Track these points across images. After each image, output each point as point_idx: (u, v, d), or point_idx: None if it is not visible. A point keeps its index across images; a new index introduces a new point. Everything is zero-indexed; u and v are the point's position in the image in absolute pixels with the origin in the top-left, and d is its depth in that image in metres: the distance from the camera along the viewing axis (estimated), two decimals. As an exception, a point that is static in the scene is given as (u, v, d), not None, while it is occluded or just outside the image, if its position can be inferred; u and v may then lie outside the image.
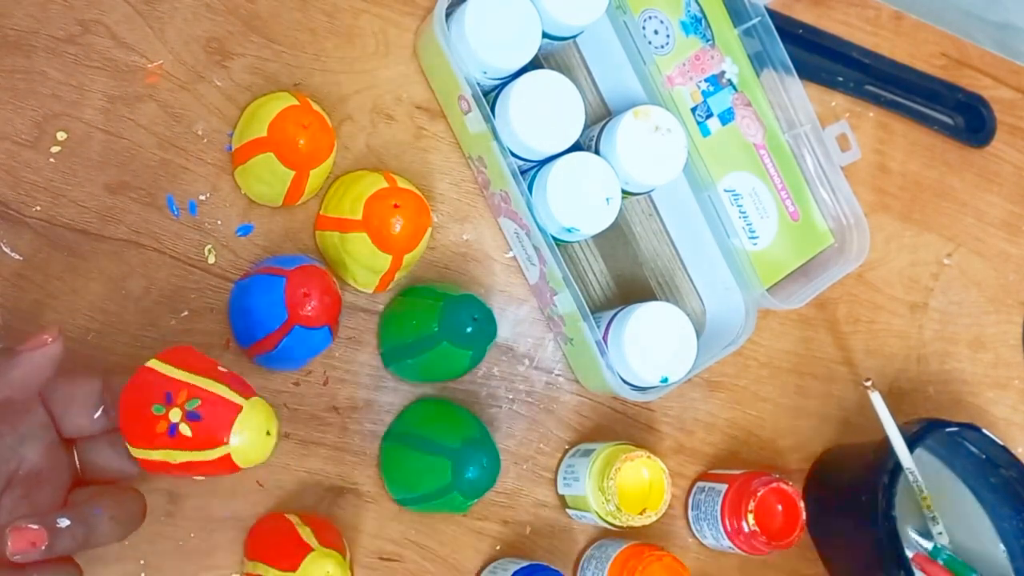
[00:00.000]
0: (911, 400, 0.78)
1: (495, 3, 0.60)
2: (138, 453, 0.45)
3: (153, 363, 0.46)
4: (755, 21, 0.70)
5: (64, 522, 0.43)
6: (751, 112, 0.71)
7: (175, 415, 0.44)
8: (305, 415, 0.60)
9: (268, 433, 0.45)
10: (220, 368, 0.46)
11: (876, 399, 0.68)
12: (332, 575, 0.52)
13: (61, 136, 0.57)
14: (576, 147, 0.63)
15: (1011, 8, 0.92)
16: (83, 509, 0.44)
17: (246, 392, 0.45)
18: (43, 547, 0.41)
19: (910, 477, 0.68)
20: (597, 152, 0.64)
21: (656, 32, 0.69)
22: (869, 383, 0.68)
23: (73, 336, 0.56)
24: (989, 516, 0.74)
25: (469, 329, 0.57)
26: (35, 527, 0.41)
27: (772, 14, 0.71)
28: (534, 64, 0.63)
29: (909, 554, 0.65)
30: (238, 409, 0.44)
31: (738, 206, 0.69)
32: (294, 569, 0.52)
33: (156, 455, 0.45)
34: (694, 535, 0.69)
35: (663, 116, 0.64)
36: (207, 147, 0.60)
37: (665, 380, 0.63)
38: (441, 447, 0.57)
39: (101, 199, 0.57)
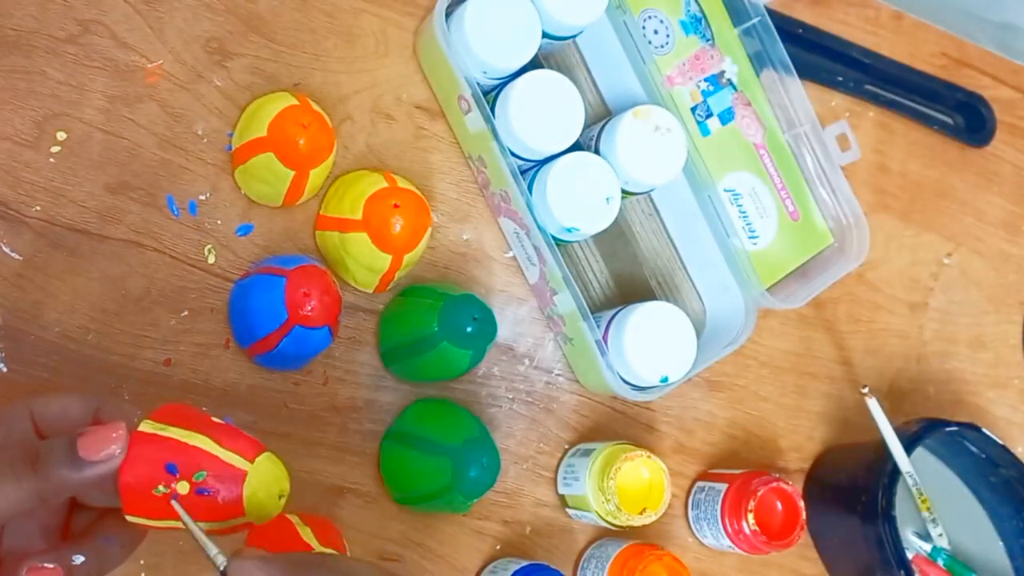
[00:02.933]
0: (911, 400, 0.78)
1: (495, 3, 0.60)
2: (137, 520, 0.42)
3: (146, 425, 0.42)
4: (755, 21, 0.70)
5: (79, 559, 0.42)
6: (751, 112, 0.71)
7: (183, 488, 0.41)
8: (305, 415, 0.60)
9: (280, 496, 0.42)
10: (215, 421, 0.43)
11: (874, 406, 0.68)
12: (332, 575, 0.52)
13: (61, 136, 0.57)
14: (576, 147, 0.63)
15: (1011, 8, 0.92)
16: (96, 542, 0.44)
17: (249, 452, 0.42)
18: None
19: (909, 481, 0.68)
20: (597, 152, 0.64)
21: (656, 32, 0.69)
22: (866, 390, 0.68)
23: (73, 336, 0.56)
24: (989, 516, 0.74)
25: (469, 329, 0.57)
26: (51, 566, 0.41)
27: (772, 14, 0.71)
28: (534, 64, 0.63)
29: (909, 555, 0.65)
30: (243, 476, 0.41)
31: (738, 206, 0.69)
32: (294, 569, 0.52)
33: (159, 523, 0.42)
34: (694, 535, 0.69)
35: (663, 116, 0.64)
36: (207, 147, 0.60)
37: (665, 380, 0.63)
38: (441, 447, 0.57)
39: (101, 199, 0.57)
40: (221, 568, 0.40)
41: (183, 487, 0.41)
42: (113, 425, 0.41)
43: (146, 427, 0.42)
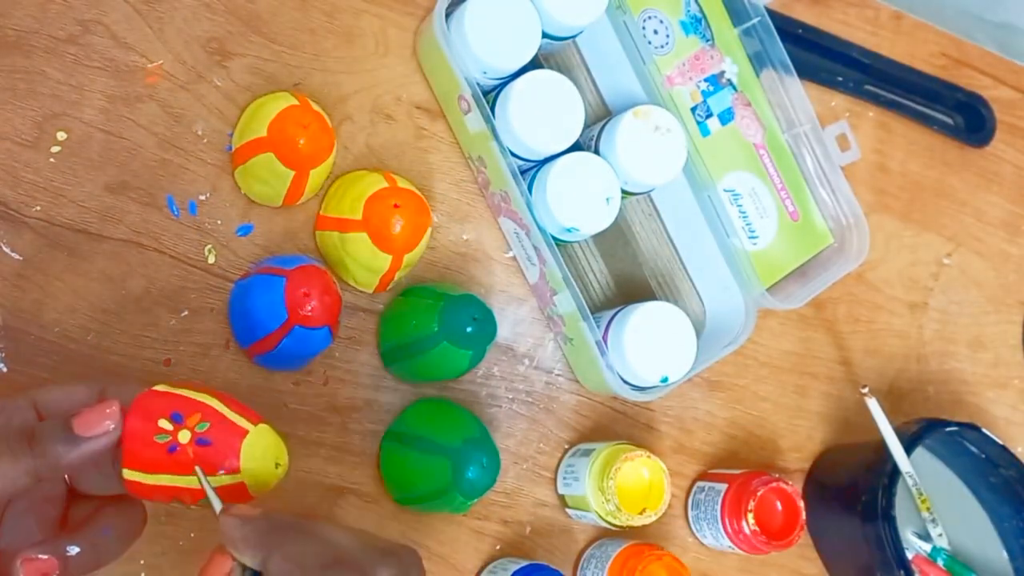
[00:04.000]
0: (911, 400, 0.78)
1: (495, 3, 0.60)
2: (134, 476, 0.43)
3: (160, 386, 0.44)
4: (755, 21, 0.70)
5: (74, 549, 0.42)
6: (751, 112, 0.71)
7: (184, 436, 0.42)
8: (305, 415, 0.60)
9: (277, 465, 0.44)
10: (226, 394, 0.45)
11: (873, 406, 0.68)
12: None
13: (61, 136, 0.57)
14: (576, 147, 0.63)
15: (1011, 8, 0.92)
16: (91, 532, 0.44)
17: (253, 418, 0.44)
18: None
19: (909, 481, 0.68)
20: (597, 152, 0.64)
21: (656, 32, 0.69)
22: (866, 390, 0.68)
23: (73, 336, 0.56)
24: (989, 516, 0.74)
25: (469, 329, 0.57)
26: (45, 557, 0.41)
27: (772, 14, 0.71)
28: (534, 64, 0.63)
29: (908, 555, 0.65)
30: (244, 433, 0.43)
31: (738, 206, 0.69)
32: (294, 569, 0.52)
33: (155, 479, 0.43)
34: (694, 535, 0.69)
35: (663, 116, 0.64)
36: (207, 147, 0.60)
37: (665, 380, 0.63)
38: (441, 447, 0.57)
39: (101, 199, 0.57)
40: (218, 511, 0.42)
41: (184, 436, 0.42)
42: (108, 402, 0.42)
43: (159, 387, 0.44)
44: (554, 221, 0.62)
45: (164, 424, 0.43)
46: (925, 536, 0.70)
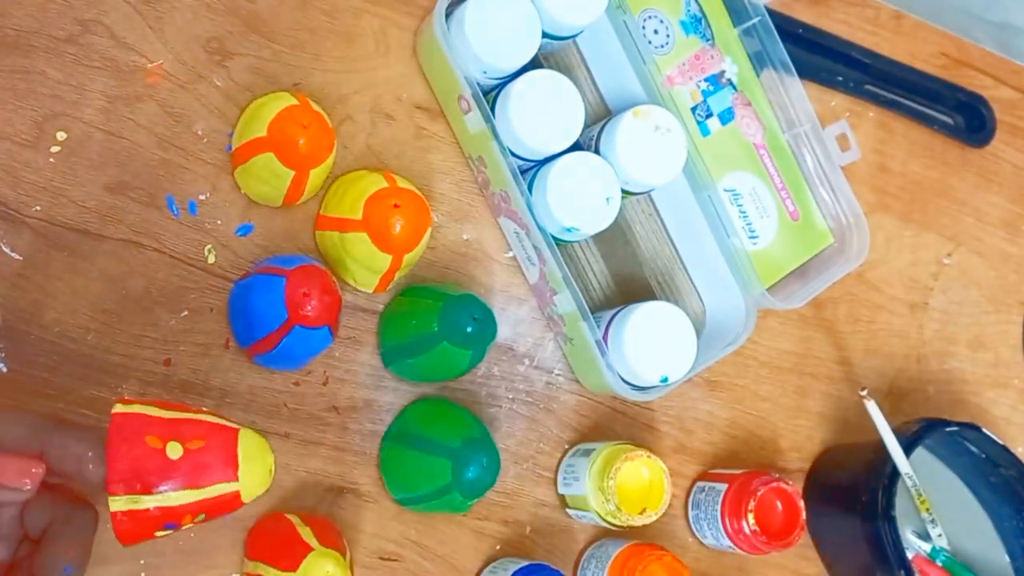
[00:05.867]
0: (911, 400, 0.78)
1: (495, 3, 0.60)
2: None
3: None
4: (755, 21, 0.70)
5: None
6: (751, 112, 0.71)
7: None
8: (305, 415, 0.60)
9: (270, 471, 0.44)
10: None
11: (872, 409, 0.68)
12: (332, 574, 0.52)
13: (61, 136, 0.57)
14: (576, 147, 0.63)
15: (1011, 8, 0.92)
16: (54, 572, 0.43)
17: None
18: None
19: (908, 482, 0.68)
20: (597, 152, 0.64)
21: (656, 32, 0.69)
22: (865, 392, 0.68)
23: (73, 336, 0.56)
24: (989, 516, 0.74)
25: (469, 329, 0.57)
26: None
27: (772, 14, 0.71)
28: (534, 64, 0.63)
29: (908, 555, 0.65)
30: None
31: (738, 206, 0.69)
32: (294, 569, 0.52)
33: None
34: (694, 535, 0.69)
35: (663, 116, 0.64)
36: (207, 147, 0.60)
37: (665, 380, 0.63)
38: (441, 447, 0.57)
39: (101, 199, 0.57)
40: None
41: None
42: (30, 462, 0.42)
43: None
44: (554, 221, 0.62)
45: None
46: (925, 536, 0.70)
